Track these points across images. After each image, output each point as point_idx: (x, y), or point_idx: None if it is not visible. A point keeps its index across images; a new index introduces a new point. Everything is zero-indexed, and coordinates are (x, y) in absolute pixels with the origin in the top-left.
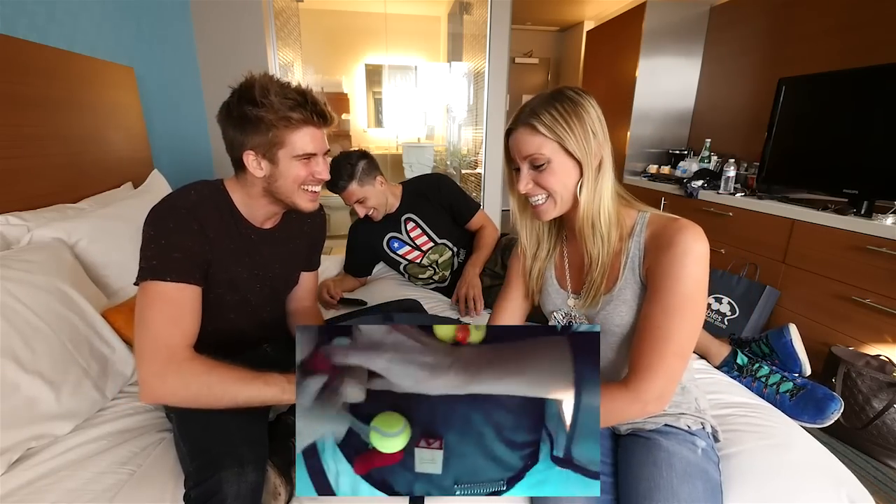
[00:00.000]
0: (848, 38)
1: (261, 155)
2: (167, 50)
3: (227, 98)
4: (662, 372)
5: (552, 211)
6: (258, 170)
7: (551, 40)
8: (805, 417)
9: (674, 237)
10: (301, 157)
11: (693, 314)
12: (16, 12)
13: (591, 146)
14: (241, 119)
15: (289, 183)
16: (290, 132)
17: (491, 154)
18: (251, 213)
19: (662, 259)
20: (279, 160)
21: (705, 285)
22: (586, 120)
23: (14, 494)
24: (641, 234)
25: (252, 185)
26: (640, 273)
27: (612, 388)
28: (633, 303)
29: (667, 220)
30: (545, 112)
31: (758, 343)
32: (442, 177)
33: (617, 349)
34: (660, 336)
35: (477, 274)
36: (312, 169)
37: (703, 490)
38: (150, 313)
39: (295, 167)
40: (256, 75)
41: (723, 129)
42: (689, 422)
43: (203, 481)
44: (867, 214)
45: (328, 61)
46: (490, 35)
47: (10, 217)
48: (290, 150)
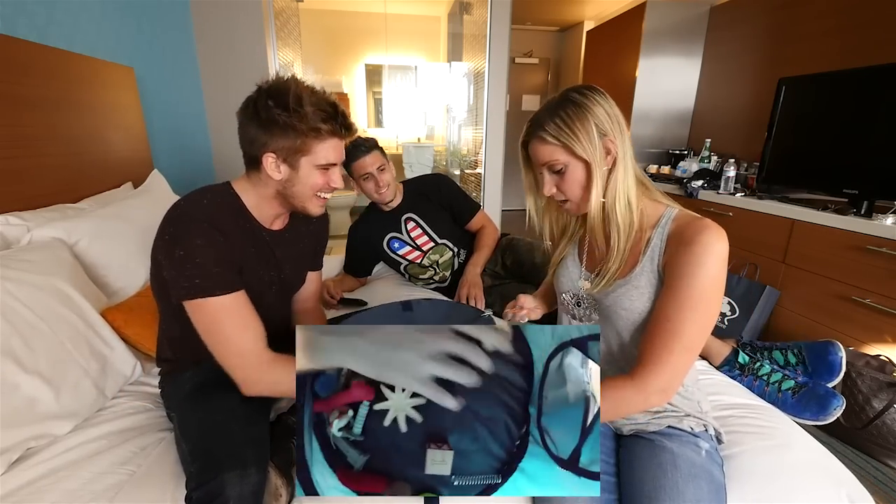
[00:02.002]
0: (848, 38)
1: (281, 158)
2: (167, 50)
3: (254, 96)
4: (670, 365)
5: (581, 208)
6: (276, 172)
7: (551, 40)
8: (807, 415)
9: (695, 235)
10: (322, 166)
11: (706, 311)
12: (16, 12)
13: (596, 146)
14: (269, 121)
15: (306, 189)
16: (318, 142)
17: (491, 154)
18: (261, 214)
19: (682, 254)
20: (300, 166)
21: (722, 284)
22: (591, 121)
23: (14, 494)
24: (666, 227)
25: (265, 186)
26: (658, 264)
27: (617, 379)
28: (644, 290)
29: (691, 219)
30: (550, 122)
31: (783, 352)
32: (442, 177)
33: (623, 333)
34: (670, 329)
35: (478, 273)
36: (330, 178)
37: (708, 491)
38: (220, 328)
39: (315, 175)
40: (289, 79)
41: (723, 129)
42: (693, 424)
43: (205, 483)
44: (867, 214)
45: (328, 61)
46: (490, 35)
47: (10, 217)
48: (314, 159)
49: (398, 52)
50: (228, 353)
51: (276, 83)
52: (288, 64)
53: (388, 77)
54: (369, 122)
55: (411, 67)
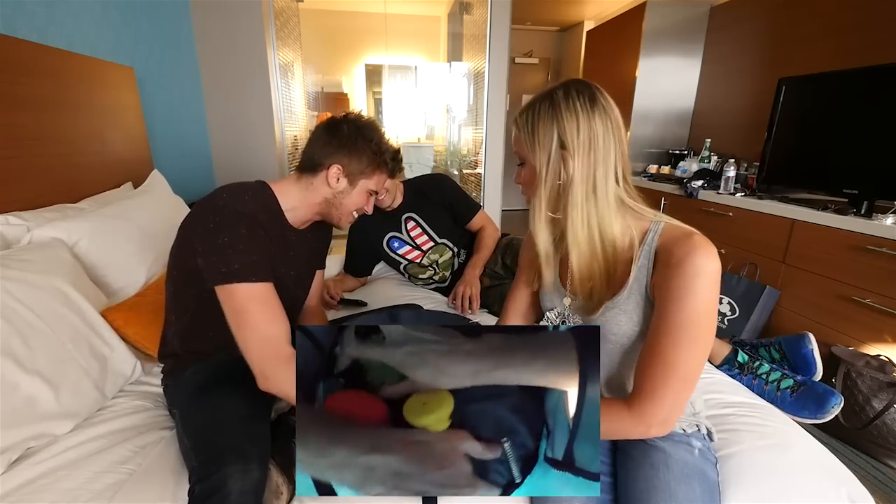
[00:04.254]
0: (848, 38)
1: (345, 173)
2: (167, 50)
3: (341, 120)
4: (668, 398)
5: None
6: (336, 182)
7: (551, 40)
8: (806, 413)
9: (686, 257)
10: (370, 192)
11: (701, 338)
12: (16, 12)
13: (549, 156)
14: (351, 143)
15: (350, 205)
16: (377, 172)
17: (491, 154)
18: (294, 217)
19: (671, 279)
20: (357, 185)
21: (715, 305)
22: (555, 129)
23: (14, 494)
24: (652, 245)
25: (315, 192)
26: (645, 285)
27: (615, 407)
28: (634, 314)
29: (679, 234)
30: (526, 111)
31: (767, 348)
32: (443, 176)
33: (613, 359)
34: (666, 362)
35: (477, 275)
36: (369, 202)
37: (701, 491)
38: (250, 315)
39: (362, 197)
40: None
41: (723, 129)
42: (685, 425)
43: (207, 476)
44: (867, 214)
45: (328, 61)
46: (490, 35)
47: (10, 217)
48: (368, 184)
49: (398, 52)
50: (253, 340)
51: (368, 120)
52: (288, 64)
53: (388, 77)
54: None
55: (411, 67)
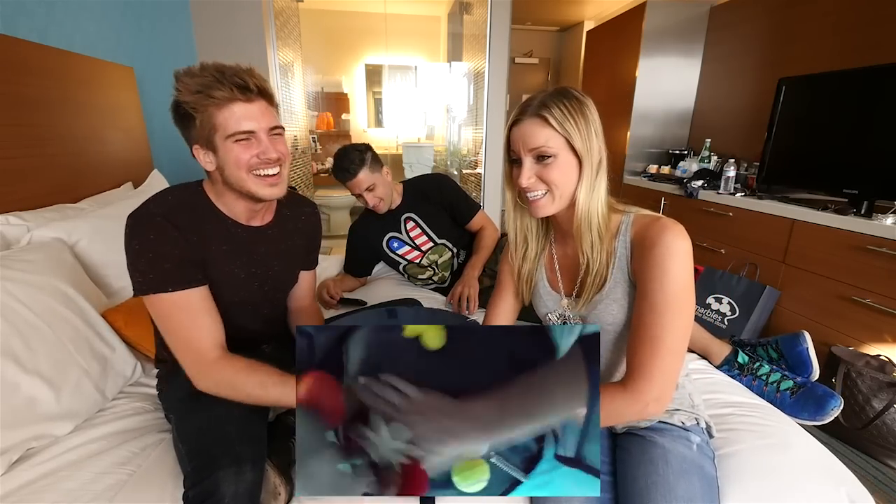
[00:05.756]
0: (848, 38)
1: (203, 146)
2: (167, 50)
3: (173, 104)
4: (659, 372)
5: (549, 207)
6: (208, 163)
7: (551, 40)
8: (805, 415)
9: (656, 238)
10: (237, 138)
11: (682, 311)
12: (16, 12)
13: (593, 146)
14: (181, 115)
15: (234, 169)
16: (217, 112)
17: (491, 154)
18: (231, 211)
19: (647, 259)
20: (218, 146)
21: (691, 281)
22: (591, 119)
23: (14, 494)
24: (627, 234)
25: (215, 182)
26: (628, 272)
27: (611, 389)
28: (623, 301)
29: (649, 220)
30: (555, 106)
31: (764, 348)
32: (443, 177)
33: (611, 347)
34: (652, 336)
35: (475, 276)
36: (255, 150)
37: (700, 485)
38: (170, 323)
39: (234, 150)
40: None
41: (723, 129)
42: (684, 418)
43: (200, 481)
44: (867, 214)
45: (328, 61)
46: (490, 35)
47: (10, 217)
48: (223, 132)
49: (398, 52)
50: (178, 345)
51: None
52: (288, 64)
53: (388, 77)
54: (369, 122)
55: (411, 67)
